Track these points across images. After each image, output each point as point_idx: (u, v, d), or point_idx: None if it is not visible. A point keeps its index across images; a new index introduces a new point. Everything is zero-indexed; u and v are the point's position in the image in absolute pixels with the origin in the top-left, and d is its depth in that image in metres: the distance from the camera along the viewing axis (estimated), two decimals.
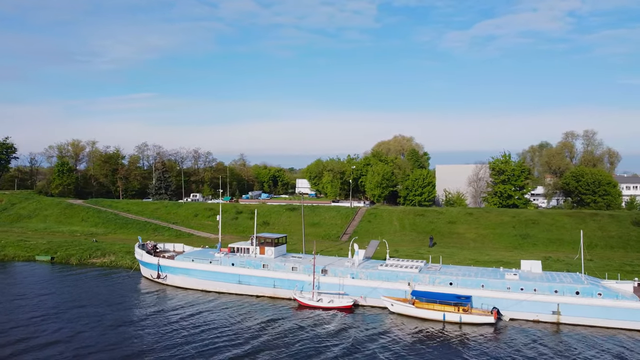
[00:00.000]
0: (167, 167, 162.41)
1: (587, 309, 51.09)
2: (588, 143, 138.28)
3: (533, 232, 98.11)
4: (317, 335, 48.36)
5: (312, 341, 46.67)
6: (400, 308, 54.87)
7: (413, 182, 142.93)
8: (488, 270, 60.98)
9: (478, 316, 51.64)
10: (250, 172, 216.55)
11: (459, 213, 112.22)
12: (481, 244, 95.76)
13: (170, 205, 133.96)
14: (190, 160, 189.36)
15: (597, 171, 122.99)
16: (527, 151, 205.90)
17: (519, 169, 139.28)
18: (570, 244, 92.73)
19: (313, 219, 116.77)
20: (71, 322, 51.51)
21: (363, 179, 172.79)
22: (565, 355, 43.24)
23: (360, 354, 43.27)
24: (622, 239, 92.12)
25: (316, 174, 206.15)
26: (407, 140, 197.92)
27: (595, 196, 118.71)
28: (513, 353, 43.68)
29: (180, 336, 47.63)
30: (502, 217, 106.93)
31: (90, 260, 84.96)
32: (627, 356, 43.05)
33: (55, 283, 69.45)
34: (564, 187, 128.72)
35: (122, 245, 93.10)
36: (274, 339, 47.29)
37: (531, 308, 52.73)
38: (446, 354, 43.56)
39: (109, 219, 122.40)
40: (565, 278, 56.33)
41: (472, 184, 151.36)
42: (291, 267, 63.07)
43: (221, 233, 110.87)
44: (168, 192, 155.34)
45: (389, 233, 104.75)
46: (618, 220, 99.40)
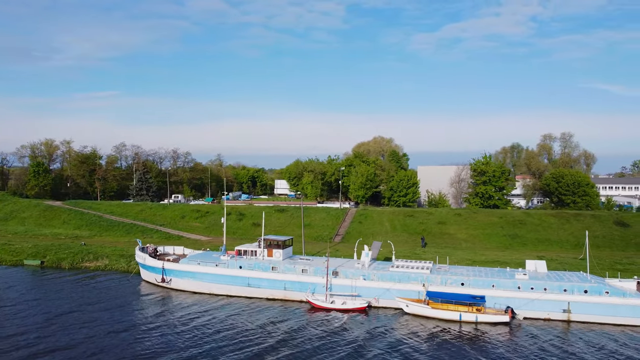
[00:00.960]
0: (148, 168, 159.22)
1: (596, 307, 53.14)
2: (565, 145, 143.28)
3: (521, 232, 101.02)
4: (336, 337, 48.62)
5: (332, 343, 46.91)
6: (415, 309, 55.69)
7: (398, 183, 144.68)
8: (494, 270, 62.54)
9: (494, 315, 52.98)
10: (229, 173, 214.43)
11: (447, 214, 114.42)
12: (472, 244, 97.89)
13: (155, 206, 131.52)
14: (169, 160, 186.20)
15: (576, 172, 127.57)
16: (500, 152, 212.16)
17: (500, 170, 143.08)
18: (558, 244, 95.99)
19: (305, 220, 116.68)
20: (84, 328, 50.22)
21: (345, 180, 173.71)
22: (585, 352, 44.91)
23: (383, 355, 43.78)
24: (607, 239, 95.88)
25: (295, 175, 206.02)
26: (386, 142, 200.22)
27: (575, 197, 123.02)
28: (536, 351, 45.06)
29: (198, 339, 47.28)
30: (490, 218, 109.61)
31: (83, 264, 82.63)
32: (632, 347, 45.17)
33: (53, 288, 67.24)
34: (544, 188, 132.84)
35: (113, 248, 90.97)
36: (291, 341, 47.31)
37: (542, 307, 54.42)
38: (470, 352, 44.56)
39: (92, 221, 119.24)
40: (572, 277, 58.37)
41: (454, 185, 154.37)
42: (301, 269, 63.06)
43: (211, 235, 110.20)
44: (149, 193, 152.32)
45: (380, 234, 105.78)
46: (601, 221, 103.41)
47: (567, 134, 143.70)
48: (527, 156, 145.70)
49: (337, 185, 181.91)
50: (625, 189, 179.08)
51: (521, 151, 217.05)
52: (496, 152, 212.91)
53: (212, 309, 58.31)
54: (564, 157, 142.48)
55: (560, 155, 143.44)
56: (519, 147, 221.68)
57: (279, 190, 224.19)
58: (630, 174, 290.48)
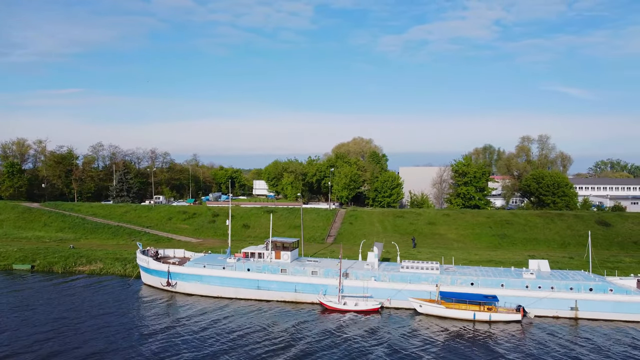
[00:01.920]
0: (128, 169, 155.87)
1: (602, 305, 55.39)
2: (542, 147, 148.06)
3: (509, 232, 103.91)
4: (355, 339, 49.00)
5: (352, 344, 47.22)
6: (429, 309, 56.72)
7: (382, 184, 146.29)
8: (500, 270, 64.28)
9: (507, 314, 54.53)
10: (207, 174, 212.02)
11: (436, 214, 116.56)
12: (464, 244, 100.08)
13: (140, 208, 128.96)
14: (147, 160, 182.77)
15: (555, 173, 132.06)
16: (472, 153, 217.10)
17: (480, 171, 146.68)
18: (545, 243, 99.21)
19: (294, 221, 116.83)
20: (99, 334, 49.02)
21: (326, 181, 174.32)
22: (599, 347, 46.87)
23: (406, 356, 44.52)
24: (591, 238, 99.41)
25: (274, 175, 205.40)
26: (366, 142, 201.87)
27: (555, 197, 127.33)
28: (555, 347, 46.69)
29: (219, 343, 47.00)
30: (478, 218, 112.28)
31: (76, 268, 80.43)
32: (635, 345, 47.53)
33: (52, 293, 65.24)
34: (524, 188, 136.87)
35: (105, 251, 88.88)
36: (310, 343, 47.43)
37: (551, 305, 56.32)
38: (494, 350, 45.79)
39: (75, 223, 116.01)
40: (576, 276, 60.61)
41: (435, 186, 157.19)
42: (311, 271, 63.24)
43: (201, 237, 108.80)
44: (130, 195, 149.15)
45: (372, 234, 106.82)
46: (583, 220, 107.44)
47: (544, 136, 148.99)
48: (507, 157, 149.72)
49: (319, 186, 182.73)
50: (595, 189, 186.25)
51: (493, 152, 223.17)
52: (469, 153, 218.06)
53: (223, 312, 57.79)
54: (541, 159, 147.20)
55: (537, 156, 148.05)
56: (491, 149, 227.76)
57: (258, 191, 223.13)
58: (592, 175, 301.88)
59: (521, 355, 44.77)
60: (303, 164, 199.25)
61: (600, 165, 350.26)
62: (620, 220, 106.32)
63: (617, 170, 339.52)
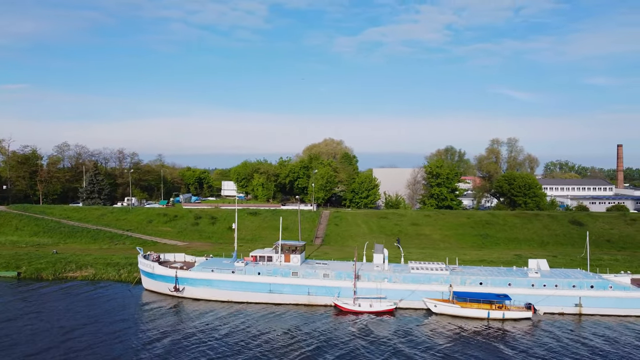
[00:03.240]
0: (99, 170, 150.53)
1: (603, 301, 58.96)
2: (511, 149, 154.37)
3: (491, 232, 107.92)
4: (382, 339, 50.14)
5: (380, 346, 48.42)
6: (444, 309, 58.54)
7: (359, 185, 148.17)
8: (503, 270, 67.02)
9: (518, 312, 57.12)
10: (175, 174, 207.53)
11: (418, 215, 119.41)
12: (449, 244, 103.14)
13: (117, 210, 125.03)
14: (114, 161, 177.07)
15: (526, 175, 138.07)
16: (435, 154, 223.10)
17: (452, 172, 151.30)
18: (526, 242, 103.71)
19: (276, 223, 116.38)
20: (113, 344, 47.84)
21: (300, 182, 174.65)
22: (608, 340, 50.01)
23: (438, 352, 46.06)
24: (567, 237, 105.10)
25: (244, 176, 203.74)
26: (337, 144, 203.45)
27: (526, 198, 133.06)
28: (571, 339, 49.45)
29: (247, 349, 47.14)
30: (459, 219, 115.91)
31: (66, 274, 77.50)
32: None
33: (56, 301, 62.77)
34: (496, 189, 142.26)
35: (92, 256, 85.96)
36: (340, 346, 48.21)
37: (556, 302, 59.40)
38: (514, 346, 47.97)
39: (50, 227, 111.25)
40: (576, 274, 64.08)
41: (409, 187, 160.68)
42: (323, 274, 63.80)
43: (186, 240, 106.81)
44: (102, 196, 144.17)
45: (359, 236, 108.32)
46: (557, 220, 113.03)
47: (512, 139, 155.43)
48: (479, 160, 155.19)
49: (292, 187, 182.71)
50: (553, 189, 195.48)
51: (455, 153, 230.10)
52: (432, 154, 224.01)
53: (239, 317, 57.45)
54: (510, 161, 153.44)
55: (507, 158, 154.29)
56: (452, 150, 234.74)
57: (226, 192, 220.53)
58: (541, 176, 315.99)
59: (542, 350, 47.13)
60: (272, 164, 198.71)
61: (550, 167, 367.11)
62: (592, 220, 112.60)
63: (565, 171, 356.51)
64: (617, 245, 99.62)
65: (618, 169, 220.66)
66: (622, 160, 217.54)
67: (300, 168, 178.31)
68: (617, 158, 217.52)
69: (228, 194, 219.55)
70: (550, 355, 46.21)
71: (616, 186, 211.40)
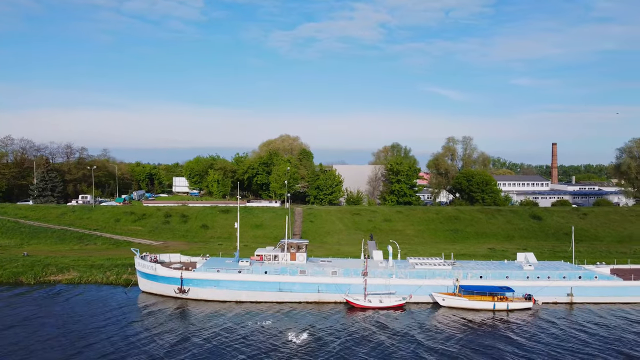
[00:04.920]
0: (51, 166, 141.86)
1: (591, 290, 64.22)
2: (466, 147, 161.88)
3: (460, 227, 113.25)
4: (400, 333, 52.15)
5: (400, 338, 50.37)
6: (452, 302, 61.46)
7: (324, 182, 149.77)
8: (496, 263, 71.13)
9: (521, 303, 61.08)
10: (124, 170, 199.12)
11: (389, 211, 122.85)
12: (423, 239, 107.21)
13: (79, 209, 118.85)
14: (61, 156, 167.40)
15: (483, 172, 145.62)
16: (381, 151, 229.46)
17: (412, 169, 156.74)
18: (493, 236, 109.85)
19: (252, 220, 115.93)
20: (141, 349, 46.57)
21: (259, 178, 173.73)
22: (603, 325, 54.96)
23: (458, 341, 48.74)
24: (529, 230, 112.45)
25: (198, 172, 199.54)
26: (293, 140, 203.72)
27: (484, 194, 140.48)
28: (571, 325, 53.84)
29: (277, 346, 47.38)
30: (428, 214, 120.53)
31: (48, 278, 73.40)
32: (627, 318, 57.55)
33: (52, 306, 59.47)
34: (455, 185, 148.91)
35: (69, 258, 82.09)
36: (362, 341, 49.67)
37: (550, 292, 63.97)
38: (523, 332, 51.61)
39: (8, 227, 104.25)
40: (564, 266, 69.25)
41: (370, 183, 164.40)
42: (331, 271, 64.81)
43: (160, 239, 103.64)
44: (55, 194, 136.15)
45: (336, 232, 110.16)
46: (518, 215, 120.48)
47: (467, 137, 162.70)
48: (435, 157, 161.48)
49: (250, 183, 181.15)
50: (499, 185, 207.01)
51: (400, 150, 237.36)
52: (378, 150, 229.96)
53: (256, 317, 57.25)
54: (465, 158, 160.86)
55: (462, 156, 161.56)
56: (398, 147, 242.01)
57: (178, 188, 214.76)
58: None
59: (547, 335, 51.03)
60: (228, 161, 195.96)
61: None
62: (548, 214, 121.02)
63: (498, 168, 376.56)
64: (575, 238, 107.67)
65: (553, 166, 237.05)
66: (556, 157, 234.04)
67: (259, 164, 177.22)
68: (552, 155, 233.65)
69: (180, 190, 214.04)
70: (555, 340, 50.29)
71: (552, 182, 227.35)
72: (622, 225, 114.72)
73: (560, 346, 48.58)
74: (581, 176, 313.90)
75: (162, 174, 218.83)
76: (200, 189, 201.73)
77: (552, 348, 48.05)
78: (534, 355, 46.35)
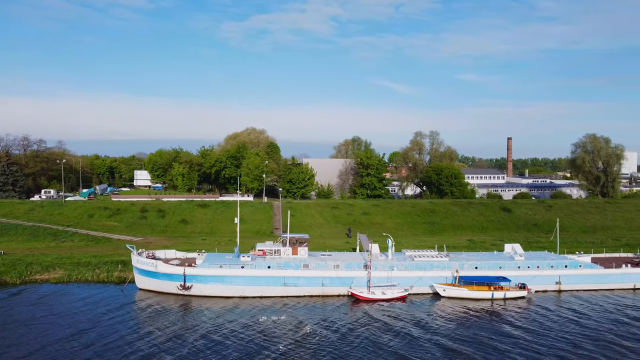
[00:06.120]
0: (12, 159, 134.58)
1: (577, 278, 68.39)
2: (433, 142, 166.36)
3: (436, 220, 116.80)
4: (413, 322, 54.03)
5: (414, 328, 52.16)
6: (453, 292, 63.88)
7: (297, 176, 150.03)
8: (487, 255, 74.28)
9: (517, 291, 64.28)
10: (84, 163, 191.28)
11: (367, 204, 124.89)
12: (403, 231, 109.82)
13: (48, 204, 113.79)
14: (17, 148, 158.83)
15: (452, 166, 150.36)
16: (342, 144, 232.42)
17: (381, 163, 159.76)
18: (469, 228, 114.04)
19: (232, 214, 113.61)
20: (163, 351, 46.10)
21: (227, 172, 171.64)
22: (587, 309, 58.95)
23: (468, 328, 51.18)
24: (501, 222, 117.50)
25: (161, 165, 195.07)
26: (260, 133, 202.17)
27: (452, 187, 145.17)
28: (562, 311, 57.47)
29: (288, 341, 47.89)
30: (404, 208, 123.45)
31: (33, 277, 70.33)
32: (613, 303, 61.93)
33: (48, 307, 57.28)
34: (424, 179, 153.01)
35: (52, 256, 78.92)
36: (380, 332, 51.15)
37: (540, 281, 67.58)
38: (523, 318, 54.71)
39: None
40: (549, 256, 73.23)
41: (341, 177, 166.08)
42: (333, 265, 65.75)
43: (139, 235, 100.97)
44: (17, 189, 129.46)
45: (317, 226, 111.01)
46: (489, 207, 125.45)
47: (434, 132, 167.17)
48: (404, 151, 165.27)
49: (217, 177, 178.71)
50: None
51: (361, 144, 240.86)
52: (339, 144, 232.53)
53: (266, 312, 57.43)
54: (432, 152, 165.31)
55: (429, 150, 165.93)
56: (359, 140, 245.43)
57: (140, 182, 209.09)
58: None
59: (545, 320, 54.34)
60: (192, 153, 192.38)
61: None
62: (516, 206, 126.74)
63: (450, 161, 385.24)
64: (543, 229, 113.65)
65: (508, 159, 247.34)
66: (511, 151, 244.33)
67: (227, 157, 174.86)
68: (508, 149, 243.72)
69: (141, 184, 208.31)
70: (553, 324, 53.95)
71: (507, 175, 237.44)
72: (584, 216, 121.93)
73: (561, 330, 51.88)
74: (532, 169, 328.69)
75: (123, 168, 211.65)
76: (164, 182, 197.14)
77: (556, 333, 51.13)
78: (539, 337, 49.44)
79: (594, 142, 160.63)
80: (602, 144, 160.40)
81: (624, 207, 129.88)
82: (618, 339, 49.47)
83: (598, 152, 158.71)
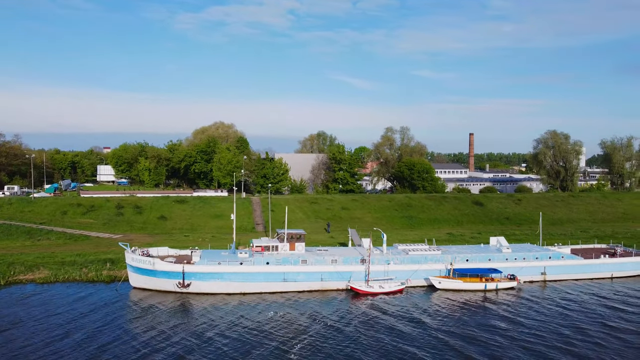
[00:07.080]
0: None
1: (561, 268, 71.94)
2: (403, 137, 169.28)
3: (414, 214, 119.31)
4: (414, 313, 55.68)
5: (418, 320, 53.79)
6: (448, 284, 65.91)
7: (271, 171, 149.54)
8: (475, 247, 76.89)
9: (508, 282, 67.00)
10: (45, 157, 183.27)
11: (345, 199, 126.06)
12: (382, 226, 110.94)
13: (16, 201, 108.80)
14: None
15: (423, 161, 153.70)
16: (308, 139, 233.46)
17: (354, 158, 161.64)
18: (445, 222, 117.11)
19: (211, 210, 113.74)
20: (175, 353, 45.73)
21: (197, 167, 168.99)
22: (572, 298, 62.37)
23: (469, 318, 53.30)
24: (474, 216, 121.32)
25: (126, 160, 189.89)
26: (228, 127, 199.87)
27: (424, 182, 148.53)
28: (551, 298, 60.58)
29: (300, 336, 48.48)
30: (382, 202, 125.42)
31: (17, 277, 67.59)
32: (595, 292, 65.76)
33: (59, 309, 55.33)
34: (397, 174, 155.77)
35: (34, 255, 76.05)
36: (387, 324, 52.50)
37: (527, 272, 70.62)
38: (517, 306, 57.39)
39: None
40: (534, 248, 76.57)
41: (314, 172, 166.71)
42: (331, 260, 66.49)
43: (118, 232, 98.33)
44: None
45: (297, 221, 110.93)
46: (462, 201, 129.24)
47: (405, 127, 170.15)
48: (376, 146, 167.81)
49: (186, 172, 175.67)
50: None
51: (326, 138, 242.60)
52: (305, 138, 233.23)
53: (269, 307, 57.63)
54: (403, 147, 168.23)
55: (400, 145, 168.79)
56: (324, 135, 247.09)
57: (103, 177, 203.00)
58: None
59: (538, 306, 57.23)
60: (159, 148, 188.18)
61: None
62: (488, 200, 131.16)
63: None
64: (514, 222, 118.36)
65: (470, 154, 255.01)
66: (473, 146, 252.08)
67: (197, 152, 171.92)
68: (470, 145, 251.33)
69: (105, 179, 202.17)
70: (545, 309, 57.53)
71: (469, 170, 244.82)
72: (551, 209, 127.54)
73: (551, 317, 54.79)
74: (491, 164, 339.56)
75: (85, 162, 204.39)
76: (129, 177, 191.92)
77: (552, 319, 53.94)
78: (532, 321, 52.20)
79: (555, 137, 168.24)
80: (562, 139, 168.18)
81: (587, 201, 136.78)
82: (609, 322, 52.84)
83: (558, 148, 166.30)
